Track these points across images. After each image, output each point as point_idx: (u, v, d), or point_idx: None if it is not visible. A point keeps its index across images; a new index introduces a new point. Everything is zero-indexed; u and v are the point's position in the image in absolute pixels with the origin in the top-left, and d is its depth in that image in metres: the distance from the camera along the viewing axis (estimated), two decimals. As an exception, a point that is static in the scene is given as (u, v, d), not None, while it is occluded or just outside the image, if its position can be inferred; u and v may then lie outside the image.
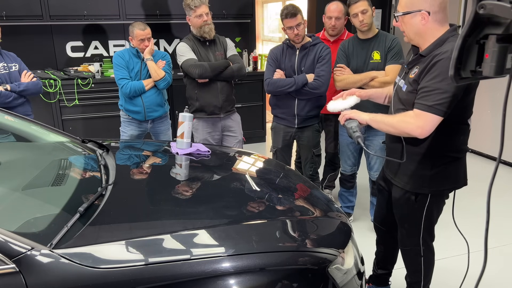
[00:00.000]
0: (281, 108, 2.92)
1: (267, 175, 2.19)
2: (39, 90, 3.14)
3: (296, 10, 2.68)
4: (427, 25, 1.67)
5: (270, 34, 7.85)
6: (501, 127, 0.90)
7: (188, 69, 2.86)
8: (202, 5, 2.87)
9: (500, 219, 3.23)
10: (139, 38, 3.11)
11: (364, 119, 1.81)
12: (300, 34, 2.73)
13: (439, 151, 1.76)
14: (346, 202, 3.18)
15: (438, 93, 1.61)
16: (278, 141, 3.01)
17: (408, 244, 2.00)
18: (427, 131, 1.66)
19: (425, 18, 1.66)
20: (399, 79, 1.87)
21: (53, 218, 1.43)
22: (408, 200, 1.87)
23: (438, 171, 1.78)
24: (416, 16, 1.67)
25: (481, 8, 0.84)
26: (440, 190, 1.84)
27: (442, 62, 1.61)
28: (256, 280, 1.30)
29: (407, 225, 1.95)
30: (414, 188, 1.84)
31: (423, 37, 1.70)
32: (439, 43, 1.67)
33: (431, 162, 1.78)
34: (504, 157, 4.40)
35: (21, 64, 3.10)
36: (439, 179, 1.80)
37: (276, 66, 2.87)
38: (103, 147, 2.20)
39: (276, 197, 1.82)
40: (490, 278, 2.42)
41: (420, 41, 1.73)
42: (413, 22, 1.69)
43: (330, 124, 3.29)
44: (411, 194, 1.85)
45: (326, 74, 2.78)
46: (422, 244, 1.95)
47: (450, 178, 1.82)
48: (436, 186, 1.81)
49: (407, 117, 1.70)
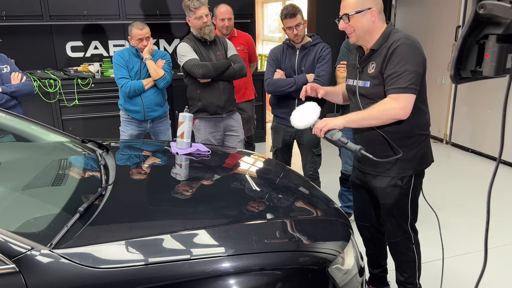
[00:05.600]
0: (281, 107, 2.93)
1: (267, 175, 2.19)
2: (30, 91, 3.11)
3: (295, 11, 2.69)
4: (375, 23, 1.80)
5: (270, 34, 7.86)
6: (501, 127, 0.90)
7: (191, 69, 2.86)
8: (201, 7, 2.87)
9: (500, 219, 3.23)
10: (137, 38, 3.11)
11: (341, 123, 1.85)
12: (299, 34, 2.74)
13: (413, 131, 1.87)
14: (346, 202, 3.18)
15: (407, 74, 1.74)
16: (278, 141, 3.01)
17: (398, 234, 2.04)
18: (409, 110, 1.77)
19: (374, 15, 1.79)
20: (354, 81, 1.95)
21: (53, 218, 1.43)
22: (395, 186, 1.93)
23: (416, 151, 1.90)
24: (366, 15, 1.79)
25: (481, 8, 0.84)
26: (420, 169, 1.95)
27: (399, 48, 1.75)
28: (256, 280, 1.30)
29: (396, 213, 1.99)
30: (399, 173, 1.91)
31: (371, 34, 1.82)
32: (385, 37, 1.81)
33: (410, 143, 1.88)
34: (504, 157, 4.40)
35: (12, 65, 3.09)
36: (418, 158, 1.91)
37: (277, 66, 2.87)
38: (103, 147, 2.20)
39: (276, 197, 1.82)
40: (490, 278, 2.42)
41: (367, 38, 1.83)
42: (364, 20, 1.80)
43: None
44: (397, 179, 1.92)
45: (326, 74, 2.78)
46: (412, 230, 2.03)
47: (425, 155, 1.95)
48: (417, 166, 1.93)
49: (386, 104, 1.78)
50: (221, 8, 3.45)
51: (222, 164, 2.34)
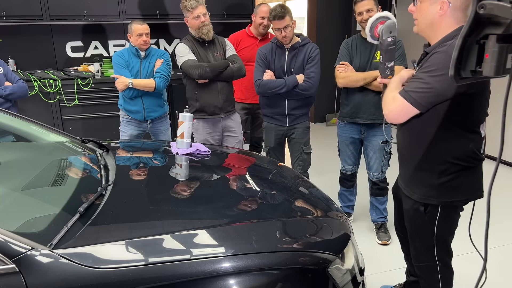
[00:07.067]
0: (272, 107, 2.95)
1: (267, 175, 2.18)
2: (25, 93, 3.13)
3: (283, 13, 2.68)
4: (443, 17, 1.55)
5: (270, 34, 7.84)
6: (501, 127, 0.90)
7: (188, 70, 2.86)
8: (199, 6, 2.86)
9: (500, 219, 3.23)
10: (137, 33, 3.11)
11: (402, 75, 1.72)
12: (287, 36, 2.74)
13: (442, 157, 1.64)
14: (346, 202, 3.18)
15: (420, 82, 1.55)
16: (271, 141, 3.04)
17: (422, 260, 1.85)
18: (395, 115, 1.64)
19: (443, 8, 1.53)
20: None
21: (53, 218, 1.43)
22: (417, 211, 1.75)
23: (446, 180, 1.65)
24: (436, 4, 1.54)
25: (481, 8, 0.84)
26: (449, 202, 1.69)
27: (435, 55, 1.53)
28: (256, 280, 1.30)
29: (419, 240, 1.81)
30: (421, 198, 1.72)
31: (435, 30, 1.59)
32: (445, 41, 1.55)
33: (438, 170, 1.66)
34: (504, 157, 4.40)
35: (5, 67, 3.09)
36: (448, 189, 1.66)
37: (266, 66, 2.88)
38: (103, 147, 2.20)
39: (276, 197, 1.82)
40: (490, 278, 2.42)
41: (430, 33, 1.61)
42: (430, 10, 1.56)
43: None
44: (420, 204, 1.73)
45: (316, 75, 2.81)
46: (438, 261, 1.80)
47: (461, 188, 1.66)
48: (445, 197, 1.68)
49: (389, 98, 1.66)
50: (263, 7, 3.48)
51: (222, 164, 2.34)
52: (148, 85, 3.16)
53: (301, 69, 2.82)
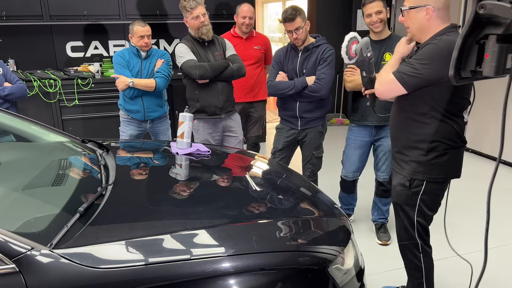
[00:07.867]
0: (284, 110, 2.94)
1: (267, 175, 2.19)
2: (24, 93, 3.13)
3: (294, 15, 2.65)
4: (430, 21, 1.74)
5: (270, 34, 7.86)
6: (501, 127, 0.90)
7: (188, 70, 2.86)
8: (198, 6, 2.86)
9: (500, 219, 3.23)
10: (138, 35, 3.11)
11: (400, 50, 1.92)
12: (299, 38, 2.72)
13: (431, 137, 1.83)
14: (346, 204, 3.18)
15: (411, 67, 1.74)
16: (279, 142, 3.01)
17: (405, 237, 2.03)
18: (383, 90, 1.85)
19: (429, 13, 1.72)
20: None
21: (53, 218, 1.43)
22: (403, 186, 1.93)
23: (432, 157, 1.85)
24: (421, 11, 1.73)
25: (481, 8, 0.85)
26: (433, 178, 1.88)
27: (428, 46, 1.72)
28: (256, 280, 1.30)
29: (402, 215, 1.99)
30: (409, 174, 1.90)
31: (425, 33, 1.77)
32: (435, 37, 1.73)
33: (427, 148, 1.85)
34: (504, 157, 4.40)
35: (4, 67, 3.08)
36: (434, 165, 1.86)
37: (280, 68, 2.86)
38: (103, 147, 2.20)
39: (276, 197, 1.82)
40: (490, 278, 2.42)
41: (422, 36, 1.79)
42: (418, 17, 1.75)
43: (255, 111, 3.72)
44: (406, 179, 1.92)
45: (327, 76, 2.74)
46: (419, 237, 1.98)
47: (444, 166, 1.87)
48: (430, 173, 1.87)
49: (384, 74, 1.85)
50: (243, 7, 3.53)
51: (222, 164, 2.34)
52: (148, 85, 3.16)
53: (313, 70, 2.78)
